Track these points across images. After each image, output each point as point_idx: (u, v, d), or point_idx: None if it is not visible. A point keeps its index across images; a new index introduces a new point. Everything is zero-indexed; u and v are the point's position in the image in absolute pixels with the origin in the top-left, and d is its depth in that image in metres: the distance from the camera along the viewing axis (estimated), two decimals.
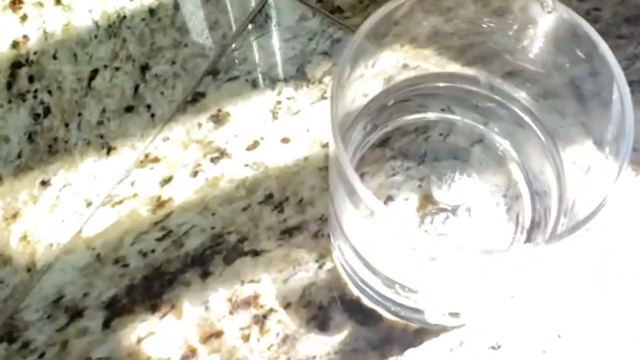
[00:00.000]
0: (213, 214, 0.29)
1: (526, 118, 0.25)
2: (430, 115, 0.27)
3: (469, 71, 0.26)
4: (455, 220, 0.26)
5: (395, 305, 0.25)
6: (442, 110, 0.27)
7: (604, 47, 0.20)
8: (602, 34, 0.31)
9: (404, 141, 0.28)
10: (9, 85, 0.31)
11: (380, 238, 0.20)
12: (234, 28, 0.32)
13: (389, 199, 0.27)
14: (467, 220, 0.26)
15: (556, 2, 0.21)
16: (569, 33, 0.21)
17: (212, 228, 0.28)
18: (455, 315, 0.26)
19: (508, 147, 0.27)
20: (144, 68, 0.31)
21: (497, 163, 0.27)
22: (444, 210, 0.26)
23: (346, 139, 0.26)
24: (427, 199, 0.27)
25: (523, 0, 0.22)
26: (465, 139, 0.27)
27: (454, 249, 0.17)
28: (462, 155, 0.27)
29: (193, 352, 0.27)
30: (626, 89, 0.20)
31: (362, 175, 0.27)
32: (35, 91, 0.31)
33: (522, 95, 0.25)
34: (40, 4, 0.33)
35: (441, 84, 0.26)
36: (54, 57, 0.32)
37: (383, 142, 0.28)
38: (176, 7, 0.33)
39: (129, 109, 0.31)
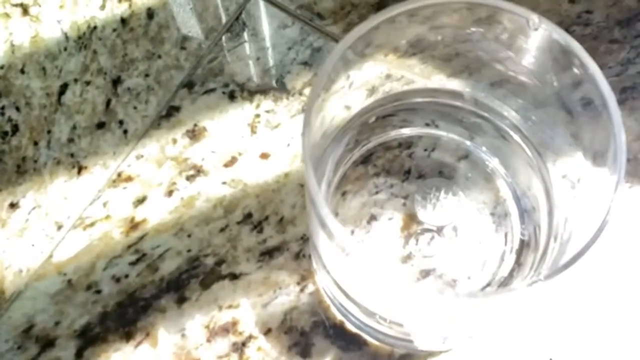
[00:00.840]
0: (189, 236, 0.27)
1: (512, 132, 0.24)
2: (414, 131, 0.26)
3: (453, 84, 0.25)
4: (441, 240, 0.25)
5: (378, 333, 0.24)
6: (427, 124, 0.26)
7: (592, 66, 0.19)
8: (594, 38, 0.30)
9: (388, 157, 0.26)
10: None
11: (356, 273, 0.19)
12: (209, 39, 0.31)
13: (372, 218, 0.26)
14: (453, 241, 0.25)
15: (542, 19, 0.19)
16: (556, 49, 0.20)
17: (189, 250, 0.27)
18: (443, 339, 0.25)
19: (495, 163, 0.26)
20: (116, 82, 0.30)
21: (484, 179, 0.26)
22: (429, 230, 0.25)
23: (327, 156, 0.25)
24: (411, 218, 0.26)
25: (510, 13, 0.21)
26: (450, 154, 0.26)
27: (434, 294, 0.16)
28: (447, 171, 0.26)
29: None
30: (616, 106, 0.18)
31: (344, 194, 0.26)
32: (2, 108, 0.30)
33: (508, 108, 0.24)
34: (7, 15, 0.31)
35: (425, 99, 0.25)
36: (22, 72, 0.30)
37: (366, 159, 0.26)
38: (150, 16, 0.31)
39: (101, 125, 0.29)
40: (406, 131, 0.26)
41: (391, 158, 0.26)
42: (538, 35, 0.20)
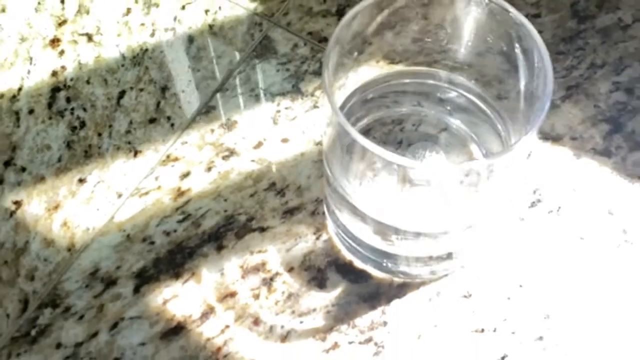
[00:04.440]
0: (225, 200, 0.34)
1: (478, 101, 0.31)
2: (404, 109, 0.33)
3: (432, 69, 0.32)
4: (429, 190, 0.31)
5: (382, 257, 0.30)
6: (414, 105, 0.33)
7: (529, 25, 0.26)
8: None
9: (383, 131, 0.33)
10: (50, 105, 0.37)
11: (369, 174, 0.26)
12: (239, 57, 0.38)
13: (374, 175, 0.32)
14: (439, 190, 0.31)
15: None
16: (502, 19, 0.27)
17: (225, 211, 0.34)
18: (437, 260, 0.31)
19: (468, 131, 0.32)
20: (164, 89, 0.37)
21: (460, 145, 0.33)
22: (419, 185, 0.32)
23: None
24: (404, 177, 0.32)
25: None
26: (433, 127, 0.33)
27: (432, 167, 0.23)
28: (431, 140, 0.33)
29: (211, 309, 0.31)
30: (545, 51, 0.25)
31: (350, 159, 0.33)
32: (72, 109, 0.37)
33: (472, 83, 0.31)
34: (75, 42, 0.39)
35: (411, 80, 0.32)
36: (88, 82, 0.38)
37: (365, 132, 0.33)
38: (190, 40, 0.39)
39: (152, 121, 0.36)
40: (397, 110, 0.33)
41: (386, 132, 0.33)
42: (486, 12, 0.27)
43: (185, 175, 0.35)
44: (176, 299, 0.32)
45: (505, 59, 0.28)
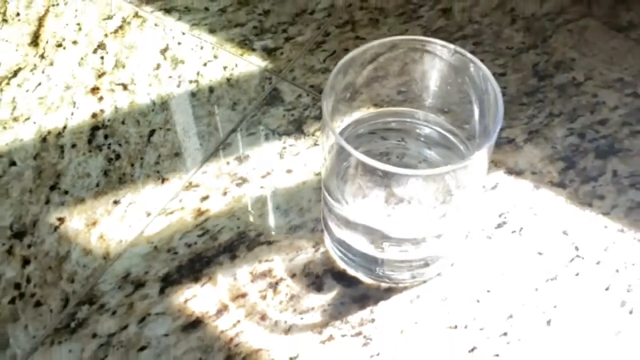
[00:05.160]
0: (238, 219, 0.40)
1: (449, 135, 0.38)
2: (389, 144, 0.40)
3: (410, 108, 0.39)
4: (409, 207, 0.38)
5: (371, 264, 0.36)
6: (398, 140, 0.40)
7: (486, 71, 0.33)
8: (509, 102, 0.45)
9: (370, 167, 0.40)
10: (90, 141, 0.43)
11: (360, 195, 0.32)
12: (251, 104, 0.45)
13: (364, 196, 0.38)
14: (417, 207, 0.38)
15: (457, 48, 0.34)
16: (465, 66, 0.34)
17: (238, 227, 0.40)
18: (417, 267, 0.36)
19: (443, 161, 0.39)
20: (187, 129, 0.44)
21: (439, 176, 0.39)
22: (403, 201, 0.38)
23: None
24: (390, 195, 0.38)
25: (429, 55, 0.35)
26: (414, 159, 0.39)
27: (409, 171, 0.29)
28: (413, 168, 0.39)
29: (225, 307, 0.37)
30: (499, 91, 0.32)
31: (344, 183, 0.39)
32: (109, 144, 0.43)
33: (443, 119, 0.38)
34: (112, 90, 0.46)
35: (392, 119, 0.39)
36: (123, 123, 0.44)
37: (356, 162, 0.40)
38: (210, 90, 0.46)
39: (177, 154, 0.43)
40: (383, 143, 0.40)
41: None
42: (452, 62, 0.34)
43: (205, 198, 0.41)
44: (195, 298, 0.37)
45: (467, 99, 0.35)
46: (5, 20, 0.50)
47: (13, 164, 0.43)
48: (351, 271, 0.38)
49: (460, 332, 0.36)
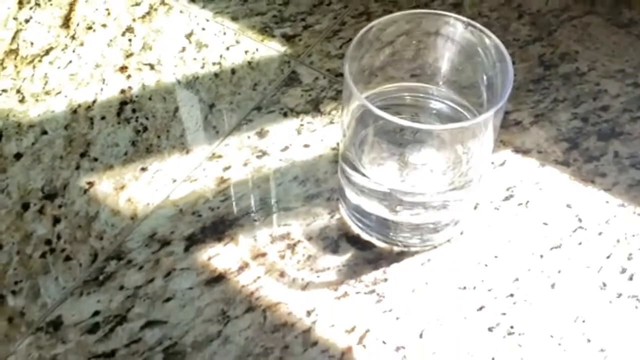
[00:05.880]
0: (258, 187, 0.42)
1: (461, 110, 0.40)
2: (403, 121, 0.42)
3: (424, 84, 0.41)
4: (423, 171, 0.40)
5: (385, 227, 0.38)
6: (412, 116, 0.42)
7: (497, 40, 0.35)
8: (517, 88, 0.47)
9: (387, 136, 0.42)
10: (119, 114, 0.46)
11: (377, 162, 0.34)
12: (271, 85, 0.48)
13: (380, 164, 0.40)
14: (429, 174, 0.40)
15: (470, 21, 0.36)
16: (478, 40, 0.37)
17: (258, 195, 0.42)
18: (428, 230, 0.38)
19: (456, 135, 0.41)
20: (211, 106, 0.46)
21: (449, 145, 0.41)
22: (416, 168, 0.40)
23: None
24: (405, 164, 0.40)
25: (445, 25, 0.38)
26: (427, 135, 0.42)
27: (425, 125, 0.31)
28: (425, 140, 0.41)
29: (246, 265, 0.39)
30: (509, 58, 0.35)
31: (362, 152, 0.41)
32: (137, 118, 0.46)
33: (454, 92, 0.40)
34: (140, 69, 0.49)
35: (409, 94, 0.41)
36: (150, 99, 0.47)
37: (373, 135, 0.42)
38: (232, 72, 0.48)
39: (201, 129, 0.45)
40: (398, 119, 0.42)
41: (389, 137, 0.42)
42: (466, 34, 0.37)
43: (227, 168, 0.43)
44: (218, 256, 0.39)
45: (479, 73, 0.38)
46: (38, 4, 0.53)
47: (44, 133, 0.45)
48: (365, 236, 0.40)
49: (469, 293, 0.38)
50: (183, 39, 0.50)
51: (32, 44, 0.50)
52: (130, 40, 0.50)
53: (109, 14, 0.52)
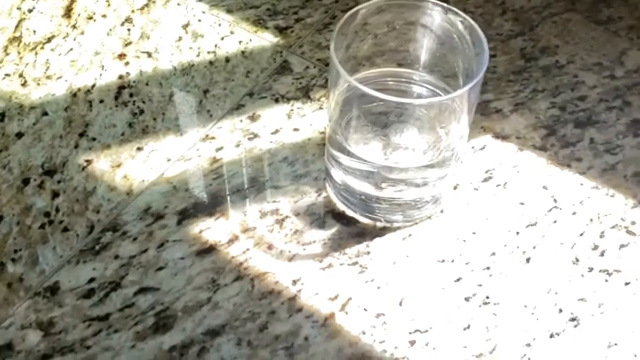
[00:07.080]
0: (249, 167, 0.44)
1: (442, 93, 0.42)
2: (386, 96, 0.44)
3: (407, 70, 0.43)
4: (406, 152, 0.42)
5: (370, 204, 0.40)
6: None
7: (473, 23, 0.38)
8: (498, 79, 0.50)
9: (371, 118, 0.44)
10: (116, 98, 0.48)
11: (362, 142, 0.36)
12: (263, 73, 0.50)
13: (365, 143, 0.42)
14: (411, 153, 0.42)
15: (450, 7, 0.39)
16: (455, 24, 0.39)
17: (249, 174, 0.44)
18: (410, 207, 0.40)
19: (436, 116, 0.43)
20: (205, 91, 0.49)
21: (430, 127, 0.43)
22: (399, 148, 0.42)
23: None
24: (388, 144, 0.42)
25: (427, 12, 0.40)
26: (411, 117, 0.44)
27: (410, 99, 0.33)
28: (407, 121, 0.43)
29: (236, 237, 0.41)
30: (485, 41, 0.37)
31: (348, 133, 0.43)
32: (134, 101, 0.48)
33: (435, 77, 0.42)
34: (138, 57, 0.51)
35: (392, 79, 0.43)
36: (147, 84, 0.49)
37: (358, 117, 0.44)
38: (227, 60, 0.51)
39: (195, 112, 0.47)
40: (382, 104, 0.44)
41: (374, 119, 0.44)
42: (445, 20, 0.39)
43: (220, 149, 0.45)
44: (209, 229, 0.41)
45: (456, 56, 0.40)
46: None
47: (45, 114, 0.47)
48: (350, 213, 0.42)
49: (447, 265, 0.40)
50: (180, 29, 0.53)
51: (34, 32, 0.52)
52: (129, 29, 0.52)
53: (109, 5, 0.54)
